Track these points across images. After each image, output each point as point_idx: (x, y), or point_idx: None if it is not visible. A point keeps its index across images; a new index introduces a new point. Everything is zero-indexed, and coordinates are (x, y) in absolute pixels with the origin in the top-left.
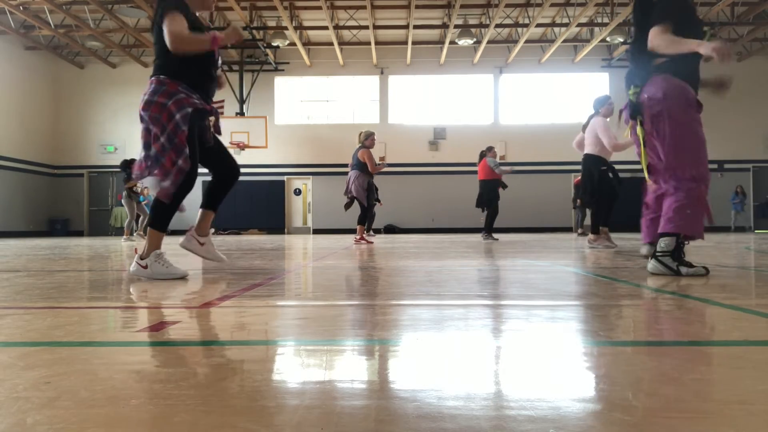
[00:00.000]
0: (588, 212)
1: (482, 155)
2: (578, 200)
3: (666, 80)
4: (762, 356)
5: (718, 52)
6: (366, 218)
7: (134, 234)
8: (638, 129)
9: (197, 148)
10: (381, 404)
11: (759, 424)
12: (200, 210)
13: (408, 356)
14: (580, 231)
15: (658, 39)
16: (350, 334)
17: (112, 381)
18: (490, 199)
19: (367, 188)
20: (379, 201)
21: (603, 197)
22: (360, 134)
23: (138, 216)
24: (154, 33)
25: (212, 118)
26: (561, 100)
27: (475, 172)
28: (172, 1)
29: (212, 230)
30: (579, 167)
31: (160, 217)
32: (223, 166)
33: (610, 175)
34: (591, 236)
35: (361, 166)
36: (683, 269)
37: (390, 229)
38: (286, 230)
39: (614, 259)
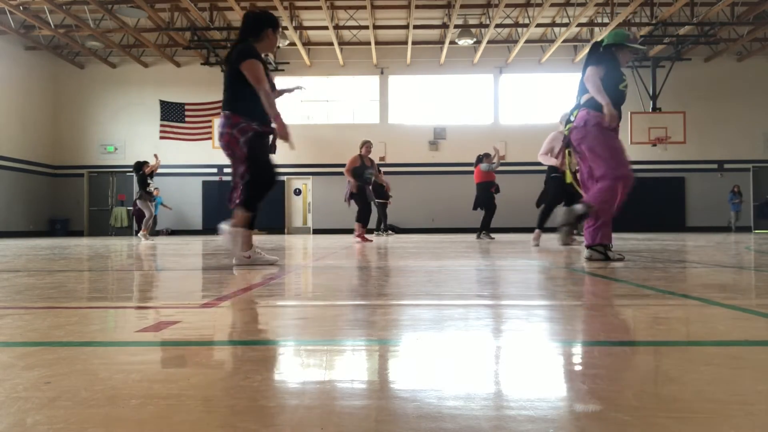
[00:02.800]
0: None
1: (479, 160)
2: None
3: (587, 113)
4: (762, 356)
5: (609, 118)
6: (365, 218)
7: (139, 234)
8: (567, 156)
9: (252, 161)
10: (381, 404)
11: (759, 424)
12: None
13: (408, 356)
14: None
15: (593, 76)
16: (350, 334)
17: (112, 381)
18: (484, 200)
19: (357, 192)
20: (390, 197)
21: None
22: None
23: (143, 215)
24: (226, 72)
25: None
26: (561, 100)
27: (473, 173)
28: (248, 49)
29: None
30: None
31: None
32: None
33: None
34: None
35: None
36: (610, 254)
37: (390, 229)
38: (286, 230)
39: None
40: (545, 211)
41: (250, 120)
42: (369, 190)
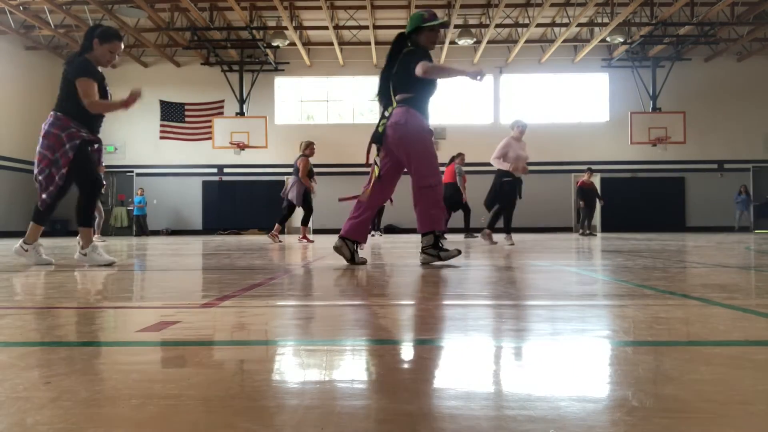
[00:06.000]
0: (584, 213)
1: (451, 160)
2: (581, 202)
3: (408, 111)
4: (762, 356)
5: (474, 75)
6: (308, 220)
7: (95, 236)
8: (375, 152)
9: (77, 169)
10: (381, 404)
11: (759, 424)
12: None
13: (407, 356)
14: (587, 231)
15: (426, 67)
16: (350, 334)
17: (112, 381)
18: (453, 202)
19: (304, 197)
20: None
21: (502, 205)
22: (301, 144)
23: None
24: (61, 79)
25: (96, 146)
26: (561, 100)
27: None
28: (82, 67)
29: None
30: (579, 168)
31: (40, 218)
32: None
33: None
34: (486, 231)
35: (299, 173)
36: (442, 254)
37: (390, 229)
38: (286, 230)
39: (614, 259)
40: (497, 212)
41: (80, 126)
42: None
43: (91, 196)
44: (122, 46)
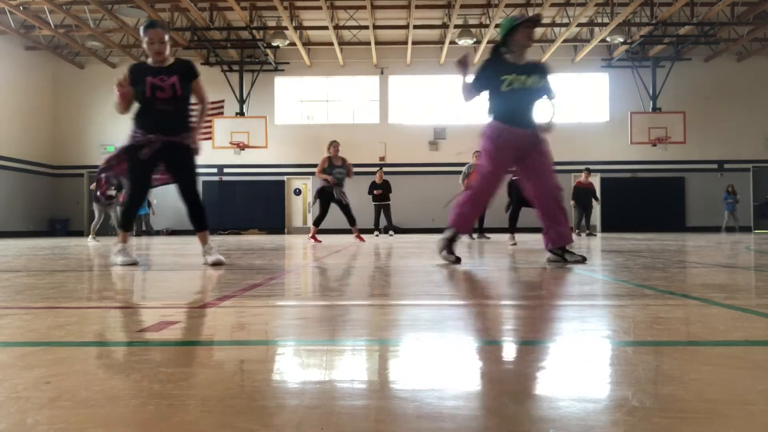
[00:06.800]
0: (583, 213)
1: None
2: (572, 201)
3: (486, 123)
4: (762, 356)
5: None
6: (320, 220)
7: (90, 236)
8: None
9: (140, 172)
10: (381, 404)
11: (759, 424)
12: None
13: (408, 356)
14: (585, 231)
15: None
16: (350, 334)
17: (112, 381)
18: None
19: (318, 193)
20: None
21: (513, 205)
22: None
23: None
24: None
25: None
26: (561, 100)
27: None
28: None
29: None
30: (579, 167)
31: (125, 224)
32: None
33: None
34: (510, 235)
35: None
36: (443, 253)
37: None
38: (286, 230)
39: (614, 259)
40: (512, 216)
41: (135, 129)
42: (340, 191)
43: (127, 198)
44: (161, 33)
